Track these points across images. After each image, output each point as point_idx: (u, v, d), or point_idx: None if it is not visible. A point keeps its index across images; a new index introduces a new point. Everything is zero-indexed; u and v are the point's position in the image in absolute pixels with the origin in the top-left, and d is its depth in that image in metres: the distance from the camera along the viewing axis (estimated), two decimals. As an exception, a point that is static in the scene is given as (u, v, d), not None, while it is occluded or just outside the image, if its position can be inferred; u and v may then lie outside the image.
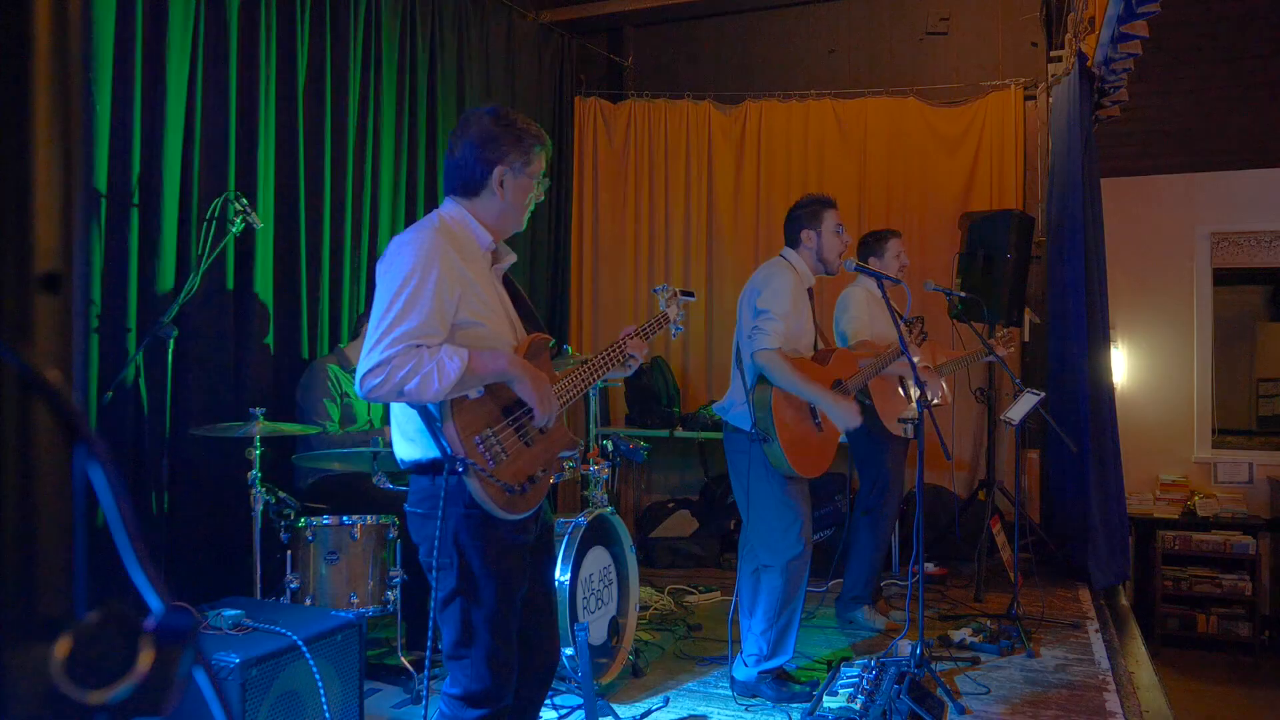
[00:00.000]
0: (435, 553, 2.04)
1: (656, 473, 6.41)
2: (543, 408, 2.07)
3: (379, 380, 1.91)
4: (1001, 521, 4.75)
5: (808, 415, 3.40)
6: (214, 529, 3.64)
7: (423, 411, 2.00)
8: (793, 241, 3.53)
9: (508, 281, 2.29)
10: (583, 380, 2.28)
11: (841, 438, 3.69)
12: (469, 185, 2.14)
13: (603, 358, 2.34)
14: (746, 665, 3.45)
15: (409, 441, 2.09)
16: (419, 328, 1.94)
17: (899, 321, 3.55)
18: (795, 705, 3.35)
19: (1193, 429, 6.80)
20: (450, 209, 2.16)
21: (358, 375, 1.95)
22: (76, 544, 0.48)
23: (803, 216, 3.52)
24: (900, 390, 4.25)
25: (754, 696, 3.44)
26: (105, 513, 0.48)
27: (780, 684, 3.44)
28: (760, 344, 3.26)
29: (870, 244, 4.36)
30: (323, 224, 4.30)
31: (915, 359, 3.51)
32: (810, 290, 3.51)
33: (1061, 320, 5.26)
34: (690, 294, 2.65)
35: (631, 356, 2.38)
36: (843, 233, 3.54)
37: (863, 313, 4.18)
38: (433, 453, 2.02)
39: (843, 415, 3.29)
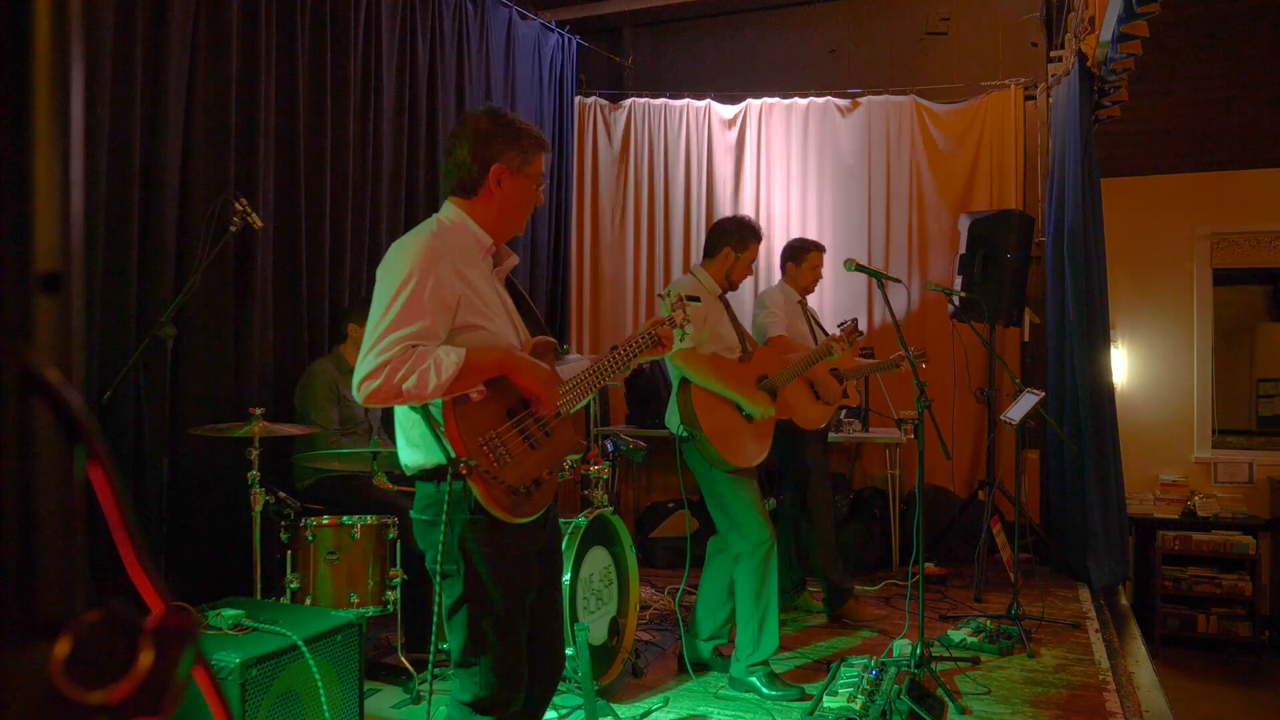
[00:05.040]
0: (441, 559, 2.02)
1: (656, 473, 6.41)
2: (546, 396, 2.05)
3: (377, 383, 1.89)
4: (1001, 521, 4.75)
5: (733, 408, 3.49)
6: (214, 529, 3.64)
7: (426, 415, 1.99)
8: (710, 253, 3.69)
9: (510, 284, 2.27)
10: (602, 372, 2.27)
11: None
12: (466, 185, 2.12)
13: (625, 347, 2.31)
14: (739, 660, 3.51)
15: (413, 447, 2.07)
16: (416, 330, 1.92)
17: (897, 323, 3.56)
18: (791, 703, 3.37)
19: (1193, 429, 6.80)
20: (449, 212, 2.15)
21: (354, 380, 1.93)
22: (76, 544, 0.47)
23: (727, 235, 3.65)
24: (806, 384, 4.25)
25: (748, 691, 3.48)
26: (105, 512, 0.48)
27: (773, 680, 3.48)
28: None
29: (795, 251, 4.46)
30: (323, 224, 4.29)
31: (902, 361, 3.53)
32: (724, 299, 3.65)
33: (1061, 320, 5.26)
34: (695, 298, 2.68)
35: (659, 339, 2.37)
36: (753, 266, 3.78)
37: (779, 311, 4.27)
38: (437, 458, 2.00)
39: (758, 406, 3.50)
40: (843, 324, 4.11)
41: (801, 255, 4.43)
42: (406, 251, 2.00)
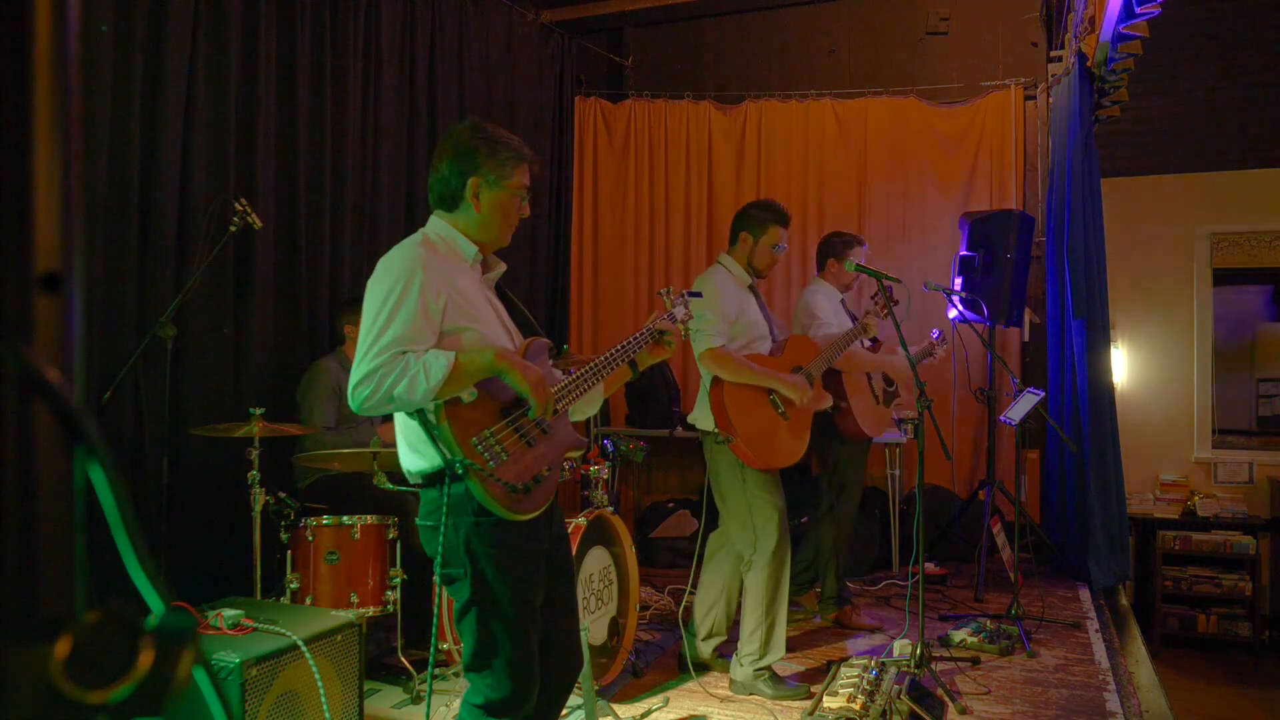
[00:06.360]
0: (446, 562, 2.04)
1: (656, 473, 6.41)
2: (537, 397, 2.06)
3: (369, 390, 1.94)
4: (1001, 521, 4.75)
5: (768, 405, 3.45)
6: (214, 529, 3.64)
7: (422, 419, 2.01)
8: (731, 240, 3.62)
9: (501, 292, 2.30)
10: (600, 370, 2.27)
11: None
12: (447, 198, 2.17)
13: (624, 346, 2.32)
14: (742, 665, 3.48)
15: (414, 452, 2.09)
16: (404, 335, 1.96)
17: (898, 323, 3.56)
18: (793, 704, 3.36)
19: (1193, 429, 6.80)
20: (435, 225, 2.19)
21: (349, 390, 1.98)
22: (76, 544, 0.48)
23: (744, 220, 3.59)
24: (869, 388, 4.22)
25: (752, 695, 3.46)
26: (105, 512, 0.49)
27: (778, 681, 3.46)
28: (701, 345, 3.36)
29: (835, 244, 4.31)
30: (323, 224, 4.29)
31: (905, 353, 3.53)
32: (753, 288, 3.61)
33: (1061, 320, 5.26)
34: (697, 293, 2.69)
35: (664, 334, 2.36)
36: (778, 250, 3.60)
37: (829, 316, 4.12)
38: (437, 462, 2.02)
39: (795, 390, 3.42)
40: (874, 295, 3.94)
41: (844, 251, 4.21)
42: (393, 262, 2.05)
